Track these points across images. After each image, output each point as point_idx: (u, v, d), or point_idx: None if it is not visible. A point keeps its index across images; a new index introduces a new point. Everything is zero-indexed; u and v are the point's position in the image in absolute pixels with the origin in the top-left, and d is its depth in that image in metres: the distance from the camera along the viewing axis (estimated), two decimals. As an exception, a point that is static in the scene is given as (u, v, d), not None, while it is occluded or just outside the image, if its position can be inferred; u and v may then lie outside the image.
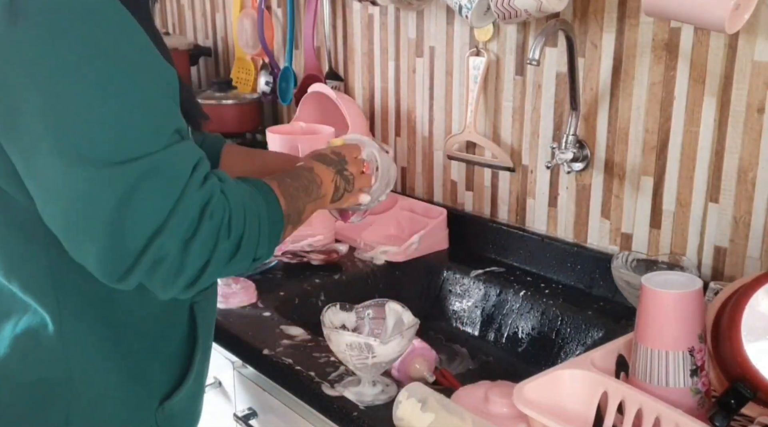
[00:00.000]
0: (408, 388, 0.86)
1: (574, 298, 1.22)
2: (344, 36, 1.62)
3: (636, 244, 1.20)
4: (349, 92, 1.64)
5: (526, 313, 1.23)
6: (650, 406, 0.79)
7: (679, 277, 0.84)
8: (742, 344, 0.81)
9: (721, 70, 1.06)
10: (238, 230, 0.72)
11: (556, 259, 1.28)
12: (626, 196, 1.20)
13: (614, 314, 1.15)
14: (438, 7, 1.40)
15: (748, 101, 1.04)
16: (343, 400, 0.91)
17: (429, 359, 1.09)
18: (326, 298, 1.24)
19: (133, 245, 0.66)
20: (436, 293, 1.35)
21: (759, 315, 0.81)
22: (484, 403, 0.88)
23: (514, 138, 1.33)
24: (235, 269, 0.74)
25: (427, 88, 1.46)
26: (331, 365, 0.99)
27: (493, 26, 1.31)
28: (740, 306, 0.82)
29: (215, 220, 0.70)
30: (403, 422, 0.84)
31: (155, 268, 0.68)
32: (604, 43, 1.17)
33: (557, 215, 1.30)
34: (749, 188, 1.06)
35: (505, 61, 1.32)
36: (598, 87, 1.20)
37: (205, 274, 0.71)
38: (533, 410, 0.80)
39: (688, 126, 1.11)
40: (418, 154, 1.52)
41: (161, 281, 0.69)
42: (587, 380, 0.84)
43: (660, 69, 1.12)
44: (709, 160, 1.09)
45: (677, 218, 1.14)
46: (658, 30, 1.11)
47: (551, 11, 1.13)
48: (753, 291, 0.82)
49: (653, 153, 1.15)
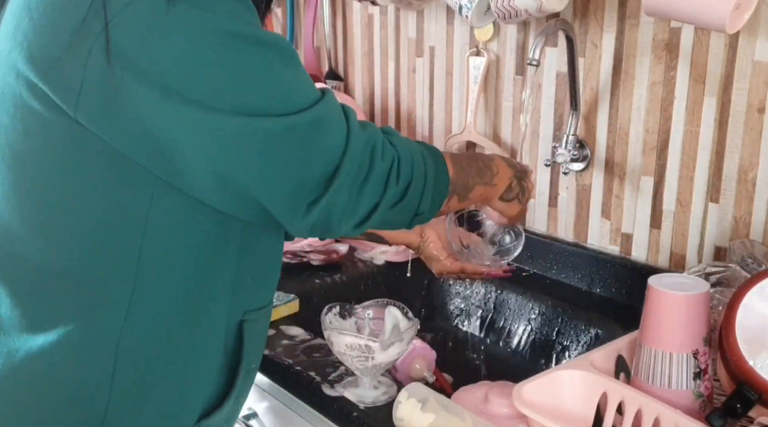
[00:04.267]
0: (408, 388, 0.86)
1: (574, 298, 1.22)
2: (344, 36, 1.62)
3: (636, 244, 1.20)
4: (349, 92, 1.64)
5: (526, 313, 1.23)
6: (650, 406, 0.79)
7: (685, 279, 0.85)
8: (738, 344, 0.81)
9: (721, 70, 1.06)
10: (406, 177, 0.76)
11: (556, 259, 1.28)
12: (626, 196, 1.20)
13: (614, 314, 1.15)
14: (438, 7, 1.40)
15: (748, 101, 1.04)
16: (343, 400, 0.91)
17: (429, 359, 1.09)
18: (326, 298, 1.24)
19: (314, 184, 0.70)
20: (436, 293, 1.35)
21: (754, 314, 0.81)
22: (485, 403, 0.88)
23: (514, 138, 1.33)
24: (397, 217, 0.78)
25: (427, 88, 1.46)
26: (331, 365, 0.99)
27: (493, 26, 1.31)
28: (735, 306, 0.82)
29: (386, 162, 0.74)
30: (403, 422, 0.84)
31: (331, 207, 0.71)
32: (604, 42, 1.17)
33: (557, 215, 1.30)
34: (749, 188, 1.06)
35: (505, 60, 1.31)
36: (599, 87, 1.19)
37: (374, 214, 0.74)
38: (532, 411, 0.80)
39: (688, 126, 1.11)
40: (418, 154, 1.52)
41: (336, 220, 0.72)
42: (586, 381, 0.84)
43: (660, 69, 1.12)
44: (709, 160, 1.09)
45: (677, 218, 1.14)
46: (658, 30, 1.11)
47: (551, 11, 1.13)
48: (747, 290, 0.82)
49: (653, 153, 1.15)
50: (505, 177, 0.93)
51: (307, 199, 0.71)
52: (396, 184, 0.75)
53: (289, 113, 0.68)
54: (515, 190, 0.95)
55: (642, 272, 1.17)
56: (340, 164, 0.71)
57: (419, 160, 0.78)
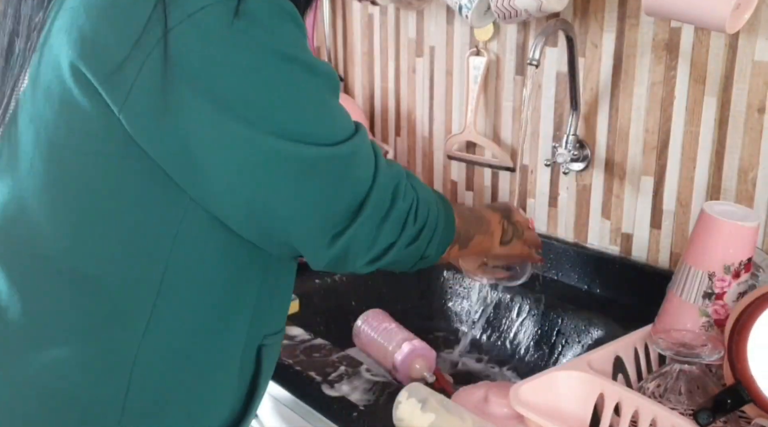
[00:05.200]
0: (408, 388, 0.86)
1: (574, 298, 1.22)
2: (344, 36, 1.62)
3: (636, 244, 1.20)
4: (349, 92, 1.64)
5: (526, 313, 1.23)
6: (647, 408, 0.79)
7: (737, 210, 0.90)
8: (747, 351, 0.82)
9: (721, 70, 1.05)
10: (422, 218, 0.77)
11: (556, 259, 1.28)
12: (626, 196, 1.20)
13: (614, 314, 1.15)
14: (438, 7, 1.40)
15: (748, 101, 1.04)
16: (343, 400, 0.91)
17: (429, 359, 1.09)
18: (326, 298, 1.24)
19: (341, 217, 0.71)
20: (437, 293, 1.35)
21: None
22: (485, 403, 0.88)
23: (514, 138, 1.33)
24: (407, 258, 0.78)
25: (427, 88, 1.46)
26: (331, 365, 0.99)
27: (494, 26, 1.31)
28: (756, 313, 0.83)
29: (407, 202, 0.75)
30: (403, 422, 0.84)
31: (351, 241, 0.71)
32: (604, 42, 1.17)
33: (557, 215, 1.30)
34: (750, 188, 1.06)
35: (505, 60, 1.31)
36: (599, 87, 1.19)
37: (389, 253, 0.75)
38: (530, 411, 0.80)
39: (688, 126, 1.11)
40: (418, 154, 1.52)
41: (353, 254, 0.73)
42: (584, 382, 0.84)
43: (660, 69, 1.12)
44: (709, 160, 1.09)
45: (678, 218, 1.14)
46: (658, 30, 1.11)
47: (551, 11, 1.13)
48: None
49: (653, 153, 1.15)
50: (496, 222, 0.96)
51: (333, 231, 0.71)
52: (413, 225, 0.76)
53: (331, 144, 0.69)
54: (509, 230, 0.98)
55: (642, 272, 1.17)
56: (366, 198, 0.71)
57: (434, 205, 0.80)
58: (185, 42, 0.64)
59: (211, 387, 0.77)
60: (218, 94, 0.65)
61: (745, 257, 0.88)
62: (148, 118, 0.66)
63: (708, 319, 0.89)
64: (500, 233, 0.97)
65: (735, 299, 0.88)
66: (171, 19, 0.63)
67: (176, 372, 0.73)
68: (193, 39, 0.64)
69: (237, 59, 0.64)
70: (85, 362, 0.71)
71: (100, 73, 0.66)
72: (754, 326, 0.81)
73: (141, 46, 0.64)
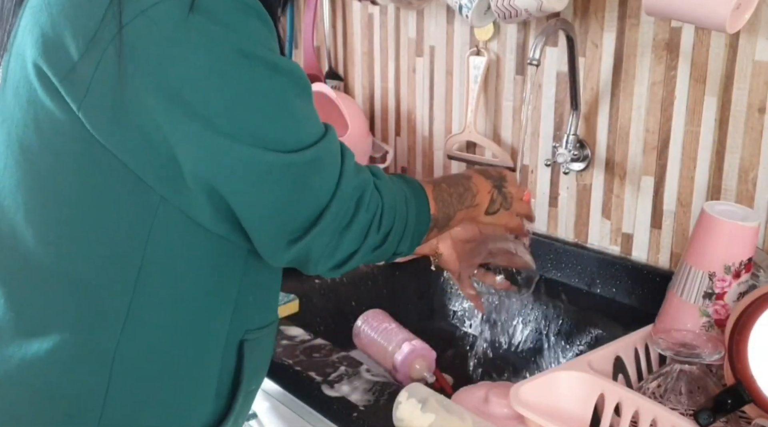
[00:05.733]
0: (408, 388, 0.86)
1: (574, 298, 1.22)
2: (344, 35, 1.62)
3: (637, 244, 1.20)
4: (349, 92, 1.64)
5: (526, 313, 1.23)
6: (647, 408, 0.79)
7: (737, 210, 0.91)
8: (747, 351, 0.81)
9: (721, 69, 1.05)
10: (387, 225, 0.76)
11: (556, 259, 1.28)
12: (627, 196, 1.20)
13: (614, 314, 1.15)
14: (438, 7, 1.40)
15: (748, 101, 1.04)
16: (343, 400, 0.91)
17: (429, 359, 1.09)
18: (326, 298, 1.24)
19: (298, 224, 0.69)
20: (436, 293, 1.35)
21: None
22: (485, 403, 0.88)
23: (514, 138, 1.33)
24: (376, 259, 0.78)
25: (427, 87, 1.46)
26: (331, 365, 0.99)
27: (494, 26, 1.31)
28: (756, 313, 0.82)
29: (369, 213, 0.73)
30: (403, 422, 0.84)
31: (310, 248, 0.70)
32: (604, 42, 1.17)
33: (558, 215, 1.30)
34: (750, 188, 1.05)
35: (505, 60, 1.31)
36: (599, 87, 1.19)
37: (352, 260, 0.74)
38: (530, 411, 0.80)
39: (688, 126, 1.10)
40: (418, 154, 1.52)
41: (314, 260, 0.72)
42: (584, 382, 0.84)
43: (661, 69, 1.12)
44: (709, 160, 1.09)
45: (678, 218, 1.14)
46: (658, 29, 1.11)
47: (551, 11, 1.13)
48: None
49: (654, 153, 1.15)
50: (485, 192, 0.93)
51: (289, 237, 0.70)
52: (377, 233, 0.74)
53: (291, 151, 0.67)
54: (497, 201, 0.95)
55: (642, 272, 1.17)
56: (326, 208, 0.70)
57: (402, 207, 0.78)
58: (139, 38, 0.63)
59: (191, 382, 0.77)
60: (173, 90, 0.64)
61: (746, 257, 0.88)
62: (106, 115, 0.65)
63: (708, 319, 0.89)
64: (487, 203, 0.94)
65: (735, 299, 0.88)
66: (125, 15, 0.63)
67: (156, 368, 0.74)
68: (147, 35, 0.63)
69: (191, 55, 0.64)
70: (66, 359, 0.71)
71: (59, 72, 0.66)
72: (755, 326, 0.81)
73: (97, 42, 0.64)
